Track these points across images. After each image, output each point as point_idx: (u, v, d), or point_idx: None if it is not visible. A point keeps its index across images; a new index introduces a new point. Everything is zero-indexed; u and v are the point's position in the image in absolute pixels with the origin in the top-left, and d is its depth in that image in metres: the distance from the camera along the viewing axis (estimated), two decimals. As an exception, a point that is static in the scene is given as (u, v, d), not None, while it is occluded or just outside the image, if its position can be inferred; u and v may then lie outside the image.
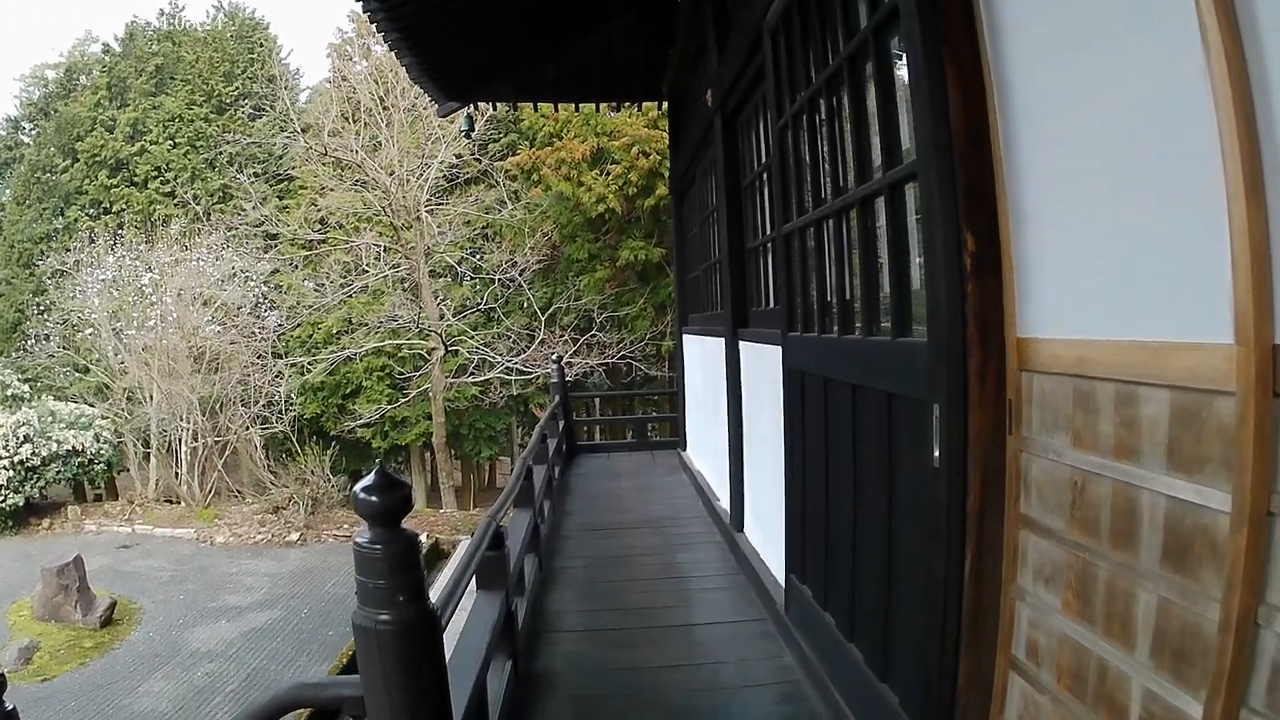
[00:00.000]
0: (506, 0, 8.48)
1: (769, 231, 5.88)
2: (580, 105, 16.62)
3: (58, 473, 20.99)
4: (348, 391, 25.75)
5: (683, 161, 9.88)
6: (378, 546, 2.28)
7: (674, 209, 11.29)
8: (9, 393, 21.96)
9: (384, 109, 23.52)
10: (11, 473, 19.84)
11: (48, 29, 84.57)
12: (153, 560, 18.16)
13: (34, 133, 34.32)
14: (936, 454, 2.70)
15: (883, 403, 3.17)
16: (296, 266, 25.68)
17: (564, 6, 9.37)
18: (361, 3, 7.13)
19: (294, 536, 19.11)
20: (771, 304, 5.88)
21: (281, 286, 25.85)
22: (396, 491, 2.33)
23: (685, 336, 10.58)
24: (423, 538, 17.62)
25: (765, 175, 5.94)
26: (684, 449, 10.74)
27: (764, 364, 5.54)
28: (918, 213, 2.86)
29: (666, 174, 15.32)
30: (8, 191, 33.49)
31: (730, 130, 6.74)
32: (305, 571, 17.23)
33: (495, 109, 17.82)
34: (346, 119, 23.80)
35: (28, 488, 20.25)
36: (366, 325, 23.97)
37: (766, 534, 5.74)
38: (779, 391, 4.73)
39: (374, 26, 7.77)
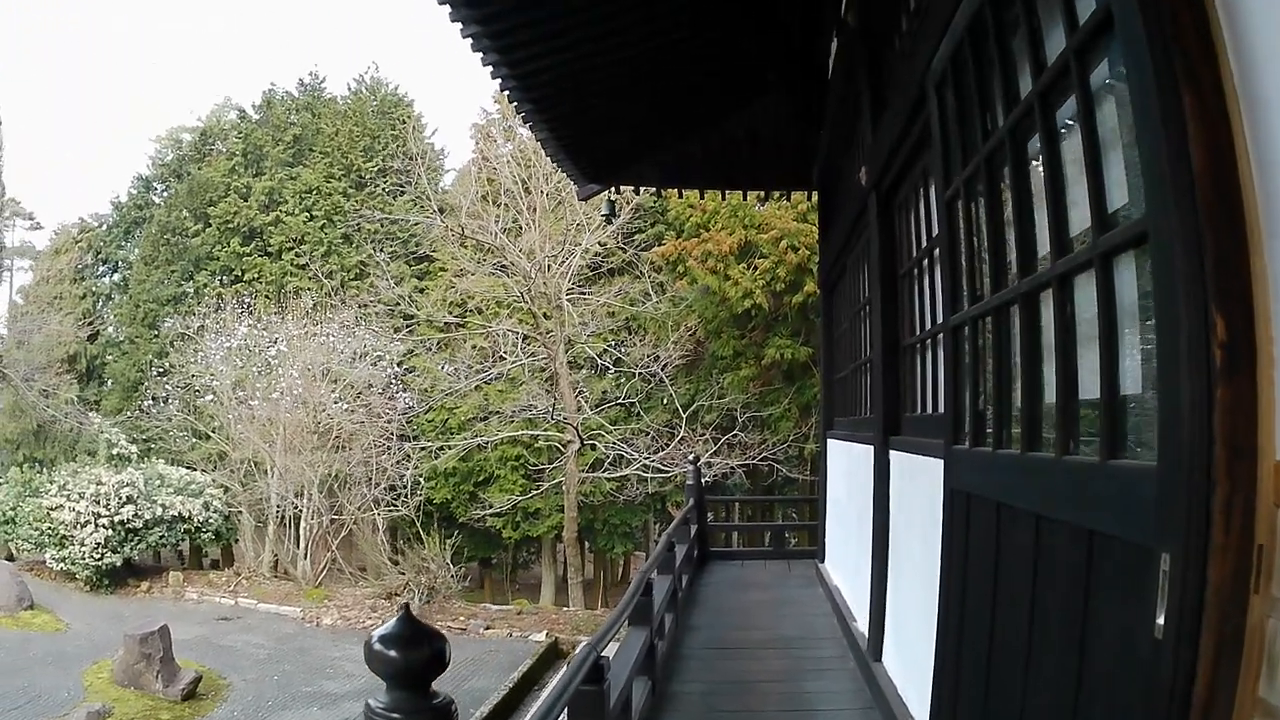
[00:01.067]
0: (643, 74, 8.11)
1: (930, 325, 5.17)
2: (726, 194, 16.18)
3: (161, 537, 21.13)
4: (480, 479, 25.61)
5: (832, 251, 9.29)
6: (395, 717, 1.66)
7: (822, 305, 10.69)
8: (115, 451, 22.09)
9: (526, 192, 23.48)
10: (110, 532, 19.91)
11: (186, 92, 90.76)
12: (251, 636, 17.84)
13: (165, 194, 35.02)
14: (1161, 620, 1.93)
15: (1082, 543, 2.41)
16: (432, 349, 25.73)
17: (704, 86, 8.97)
18: (491, 68, 6.86)
19: None
20: (930, 409, 5.16)
21: (415, 369, 25.87)
22: (425, 646, 1.72)
23: (830, 441, 9.87)
24: (541, 636, 17.05)
25: (926, 261, 5.29)
26: (822, 560, 9.98)
27: (919, 478, 4.88)
28: (1140, 291, 2.15)
29: (815, 269, 14.81)
30: (136, 251, 34.22)
31: (886, 211, 6.09)
32: None
33: (639, 194, 17.53)
34: (488, 201, 23.80)
35: (127, 549, 20.39)
36: (501, 413, 23.76)
37: (909, 669, 5.07)
38: (935, 511, 4.05)
39: (506, 97, 7.51)
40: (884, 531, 5.91)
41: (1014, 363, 3.07)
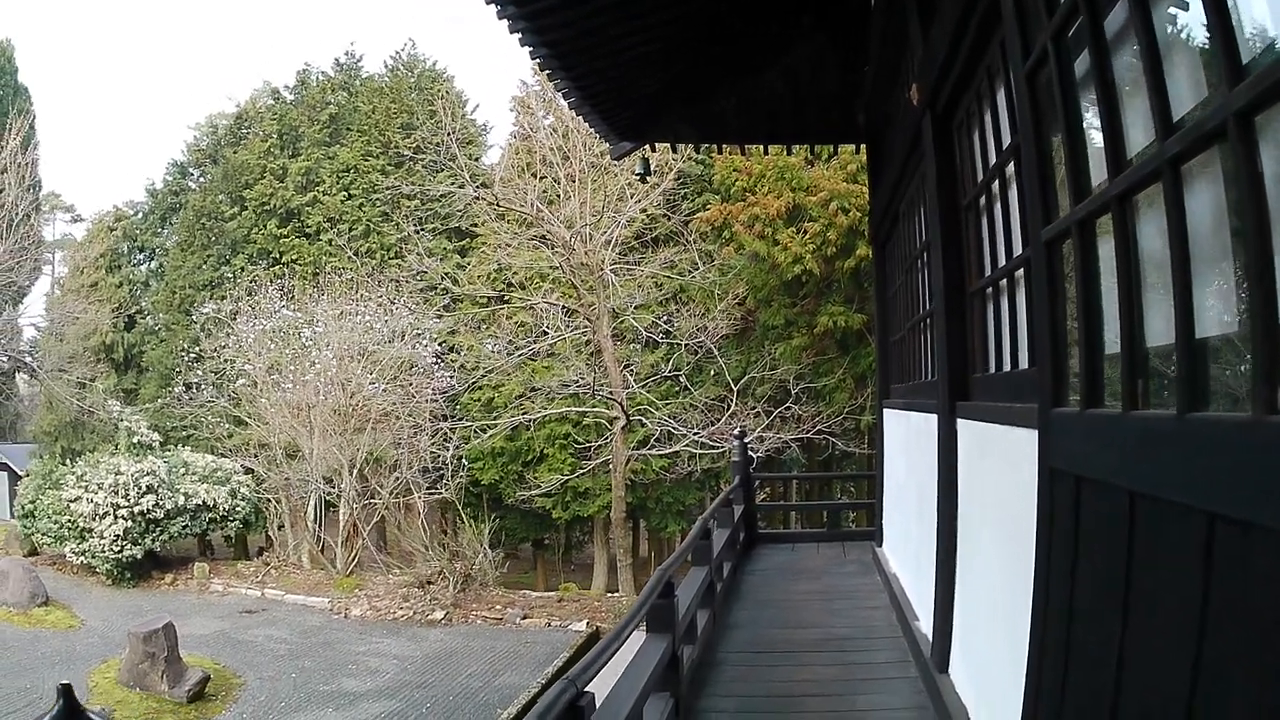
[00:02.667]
0: (674, 19, 7.12)
1: (1004, 261, 4.10)
2: (772, 153, 15.06)
3: (184, 527, 20.33)
4: (529, 458, 25.10)
5: (883, 201, 8.33)
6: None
7: (874, 263, 9.80)
8: (136, 439, 21.32)
9: (565, 161, 22.71)
10: (130, 523, 19.14)
11: (224, 80, 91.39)
12: (274, 629, 17.04)
13: (201, 179, 34.62)
14: None
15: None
16: (474, 326, 25.13)
17: (740, 31, 7.94)
18: (498, 7, 5.91)
19: (438, 615, 17.61)
20: (1010, 364, 4.09)
21: (457, 348, 25.25)
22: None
23: (886, 411, 8.88)
24: (582, 625, 16.21)
25: (995, 184, 4.24)
26: (879, 544, 9.00)
27: (996, 452, 4.01)
28: None
29: (865, 232, 13.85)
30: (173, 238, 33.84)
31: (944, 134, 5.05)
32: (442, 656, 15.65)
33: (677, 153, 16.48)
34: (528, 172, 23.04)
35: (148, 540, 19.60)
36: (547, 390, 23.12)
37: (981, 686, 4.28)
38: (1022, 496, 3.14)
39: (519, 44, 6.54)
40: (950, 517, 4.91)
41: (1151, 274, 2.04)
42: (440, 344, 25.63)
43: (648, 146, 10.33)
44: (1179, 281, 1.87)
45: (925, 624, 5.76)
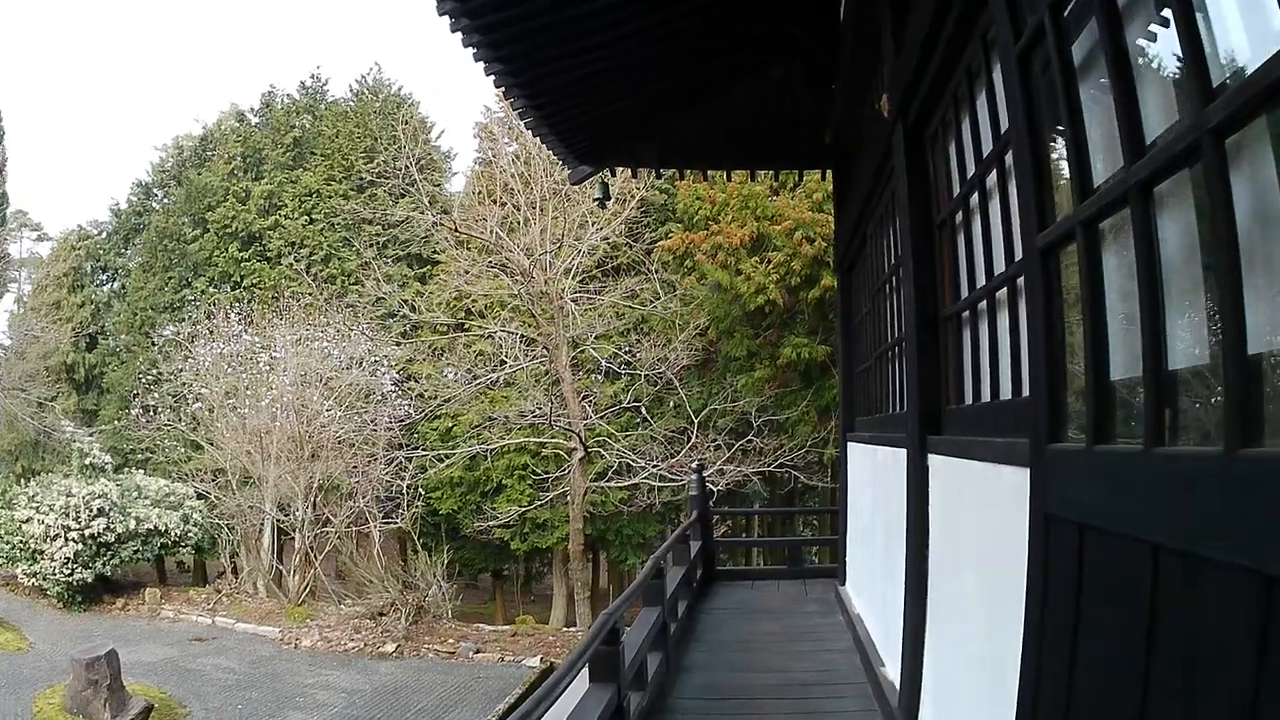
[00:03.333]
0: (625, 31, 6.75)
1: (983, 282, 3.76)
2: (732, 173, 14.78)
3: (135, 552, 19.74)
4: (487, 489, 24.72)
5: (849, 221, 7.98)
6: None
7: (839, 290, 9.53)
8: (87, 461, 20.74)
9: (527, 187, 22.43)
10: (81, 546, 18.55)
11: (192, 100, 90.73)
12: (223, 659, 16.49)
13: (164, 200, 34.32)
14: None
15: None
16: (432, 354, 24.77)
17: (701, 47, 7.62)
18: (451, 20, 5.56)
19: (390, 647, 17.09)
20: (990, 396, 3.73)
21: (416, 375, 24.88)
22: None
23: (850, 445, 8.52)
24: (536, 661, 15.72)
25: (974, 198, 3.89)
26: (842, 583, 8.61)
27: (974, 491, 3.61)
28: None
29: (831, 262, 13.71)
30: (135, 258, 33.55)
31: (917, 147, 4.74)
32: (391, 690, 15.12)
33: (635, 176, 16.16)
34: (491, 199, 22.76)
35: (99, 564, 18.99)
36: (506, 420, 22.72)
37: None
38: (1004, 539, 2.86)
39: (472, 56, 6.14)
40: (920, 559, 4.53)
41: (1181, 277, 1.68)
42: (398, 371, 25.27)
43: (607, 171, 9.94)
44: (1227, 283, 1.49)
45: (892, 669, 5.42)
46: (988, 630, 3.22)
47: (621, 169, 10.26)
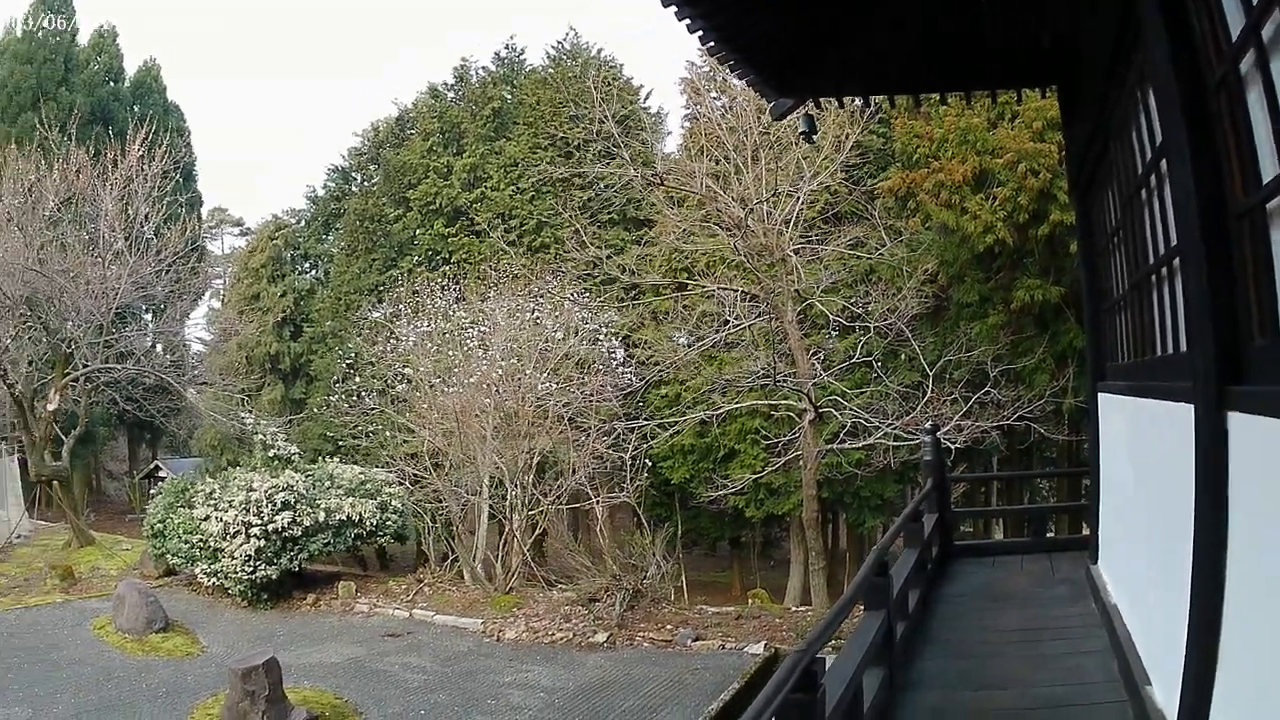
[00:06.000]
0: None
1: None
2: (945, 96, 13.19)
3: (326, 544, 18.91)
4: (719, 456, 24.48)
5: (1083, 129, 6.77)
6: None
7: (1078, 216, 8.40)
8: (272, 454, 20.10)
9: (735, 137, 21.66)
10: (264, 542, 17.74)
11: (390, 87, 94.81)
12: (414, 657, 15.41)
13: (362, 183, 34.87)
14: None
15: None
16: (654, 318, 24.53)
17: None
18: None
19: (600, 637, 15.89)
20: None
21: (636, 342, 24.56)
22: None
23: (1102, 397, 7.15)
24: (759, 648, 14.59)
25: (1265, 33, 2.65)
26: (1094, 561, 7.36)
27: None
28: None
29: (1058, 195, 14.10)
30: (337, 244, 34.13)
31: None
32: (597, 687, 13.75)
33: (841, 106, 14.78)
34: (702, 155, 21.96)
35: (285, 559, 18.21)
36: (735, 383, 22.17)
37: None
38: None
39: None
40: (1215, 554, 3.27)
41: None
42: (619, 340, 25.09)
43: (811, 104, 9.18)
44: None
45: (1160, 692, 4.35)
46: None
47: (826, 100, 9.65)
